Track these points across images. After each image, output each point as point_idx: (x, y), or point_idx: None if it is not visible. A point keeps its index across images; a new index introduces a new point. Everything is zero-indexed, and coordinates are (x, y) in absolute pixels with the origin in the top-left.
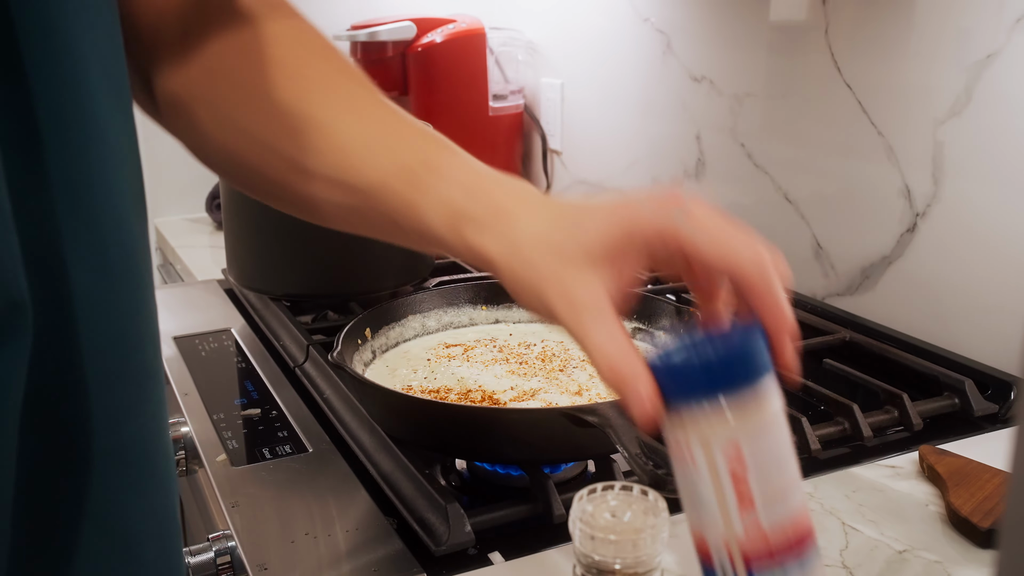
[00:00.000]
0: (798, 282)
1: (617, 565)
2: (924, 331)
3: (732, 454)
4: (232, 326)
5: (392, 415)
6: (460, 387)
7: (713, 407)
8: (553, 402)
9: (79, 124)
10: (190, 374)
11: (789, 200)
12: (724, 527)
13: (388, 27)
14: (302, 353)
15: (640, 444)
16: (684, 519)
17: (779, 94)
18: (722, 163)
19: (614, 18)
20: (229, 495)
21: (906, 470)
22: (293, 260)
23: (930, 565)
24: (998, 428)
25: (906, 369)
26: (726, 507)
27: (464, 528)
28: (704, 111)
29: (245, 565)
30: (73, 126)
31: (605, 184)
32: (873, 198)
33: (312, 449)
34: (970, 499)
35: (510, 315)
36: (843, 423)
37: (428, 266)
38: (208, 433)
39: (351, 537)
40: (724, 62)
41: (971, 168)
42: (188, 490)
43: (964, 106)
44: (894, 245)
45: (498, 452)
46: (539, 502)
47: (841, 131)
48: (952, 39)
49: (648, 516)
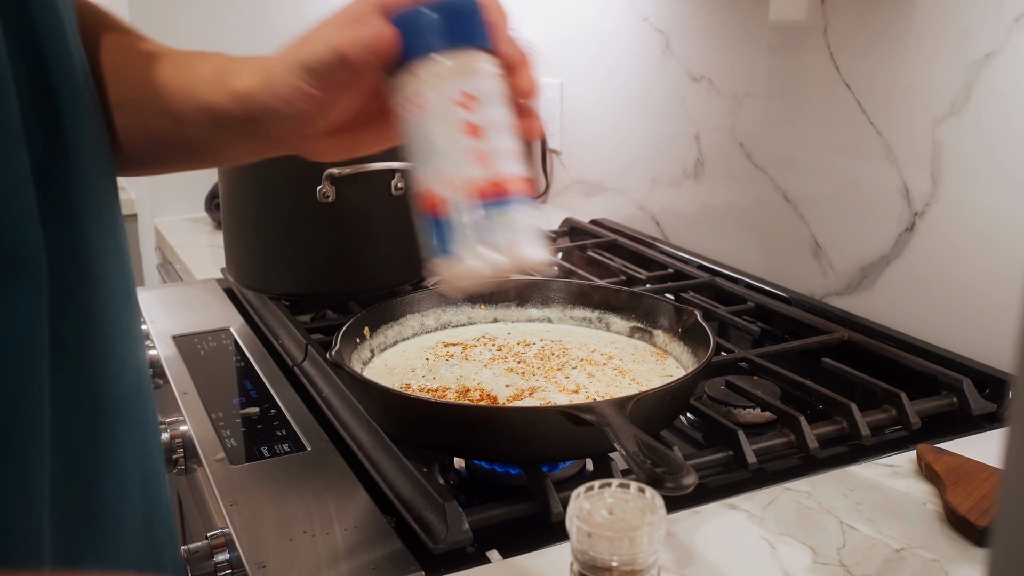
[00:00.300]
0: (797, 281)
1: (614, 562)
2: (922, 330)
3: (462, 100)
4: (231, 325)
5: (390, 414)
6: (458, 386)
7: (444, 56)
8: (551, 401)
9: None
10: (189, 373)
11: (788, 199)
12: (457, 167)
13: None
14: (301, 352)
15: (638, 442)
16: (682, 518)
17: (778, 94)
18: (721, 163)
19: (613, 18)
20: (228, 494)
21: (904, 469)
22: (292, 259)
23: (927, 563)
24: (996, 427)
25: (904, 368)
26: (457, 146)
27: (462, 526)
28: (703, 111)
29: (244, 563)
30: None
31: (604, 184)
32: (872, 197)
33: (311, 448)
34: (967, 498)
35: (509, 314)
36: (841, 422)
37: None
38: (207, 432)
39: (349, 536)
40: (723, 62)
41: (970, 168)
42: (187, 489)
43: (963, 106)
44: (893, 244)
45: (496, 451)
46: (537, 500)
47: (840, 131)
48: (951, 39)
49: (645, 514)
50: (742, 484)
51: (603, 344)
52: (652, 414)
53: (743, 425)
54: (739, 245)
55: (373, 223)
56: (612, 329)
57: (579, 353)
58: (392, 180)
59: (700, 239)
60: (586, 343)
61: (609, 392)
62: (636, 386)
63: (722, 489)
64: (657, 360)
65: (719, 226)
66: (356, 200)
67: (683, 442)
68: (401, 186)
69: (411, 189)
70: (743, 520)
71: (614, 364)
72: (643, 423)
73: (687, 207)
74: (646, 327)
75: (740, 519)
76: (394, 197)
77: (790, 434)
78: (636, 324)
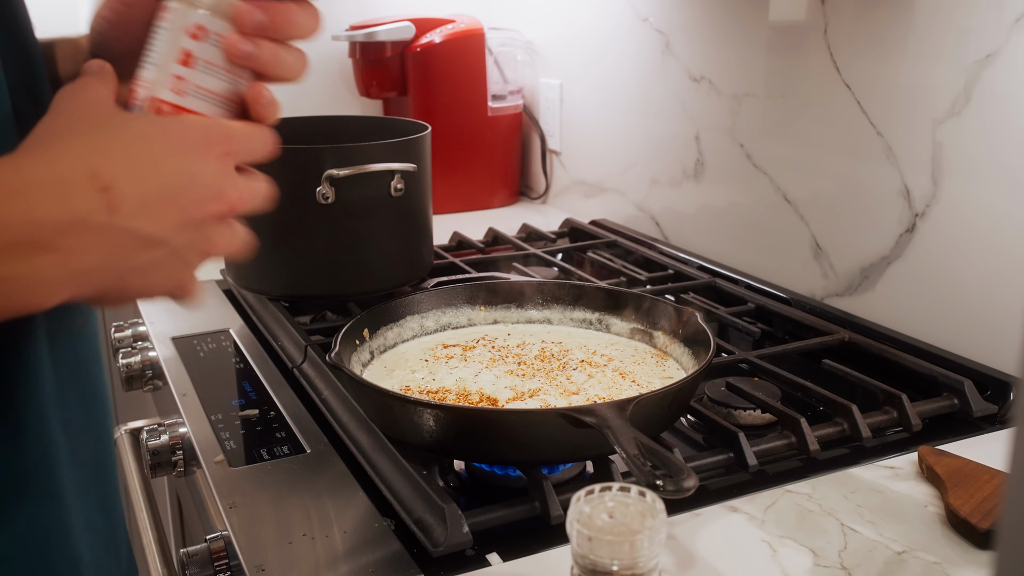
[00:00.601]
0: (797, 282)
1: (614, 566)
2: (923, 331)
3: (195, 32)
4: (230, 327)
5: (390, 416)
6: (458, 388)
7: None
8: (551, 403)
9: None
10: (188, 375)
11: (788, 200)
12: (153, 80)
13: (387, 27)
14: (300, 354)
15: (638, 445)
16: (682, 521)
17: (778, 94)
18: (721, 163)
19: (613, 18)
20: (227, 496)
21: (905, 471)
22: (291, 261)
23: (929, 566)
24: (997, 429)
25: (905, 370)
26: (166, 63)
27: (462, 529)
28: (703, 111)
29: (242, 566)
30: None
31: (604, 185)
32: (872, 198)
33: (310, 450)
34: (969, 500)
35: (508, 315)
36: (842, 424)
37: (426, 266)
38: (206, 434)
39: (349, 538)
40: (723, 62)
41: (970, 168)
42: (186, 491)
43: (963, 106)
44: (893, 245)
45: (496, 453)
46: (537, 503)
47: (840, 131)
48: (951, 39)
49: (646, 518)
50: (743, 486)
51: (603, 345)
52: (652, 416)
53: (743, 427)
54: (739, 246)
55: (372, 224)
56: (612, 331)
57: (579, 355)
58: (392, 181)
59: (700, 240)
60: (586, 344)
61: (609, 394)
62: (636, 388)
63: (723, 491)
64: (657, 361)
65: (719, 227)
66: (355, 201)
67: (683, 444)
68: (401, 187)
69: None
70: (744, 523)
71: (614, 366)
72: (643, 425)
73: (687, 208)
74: (646, 328)
75: (741, 521)
76: (394, 198)
77: (791, 436)
78: (636, 325)
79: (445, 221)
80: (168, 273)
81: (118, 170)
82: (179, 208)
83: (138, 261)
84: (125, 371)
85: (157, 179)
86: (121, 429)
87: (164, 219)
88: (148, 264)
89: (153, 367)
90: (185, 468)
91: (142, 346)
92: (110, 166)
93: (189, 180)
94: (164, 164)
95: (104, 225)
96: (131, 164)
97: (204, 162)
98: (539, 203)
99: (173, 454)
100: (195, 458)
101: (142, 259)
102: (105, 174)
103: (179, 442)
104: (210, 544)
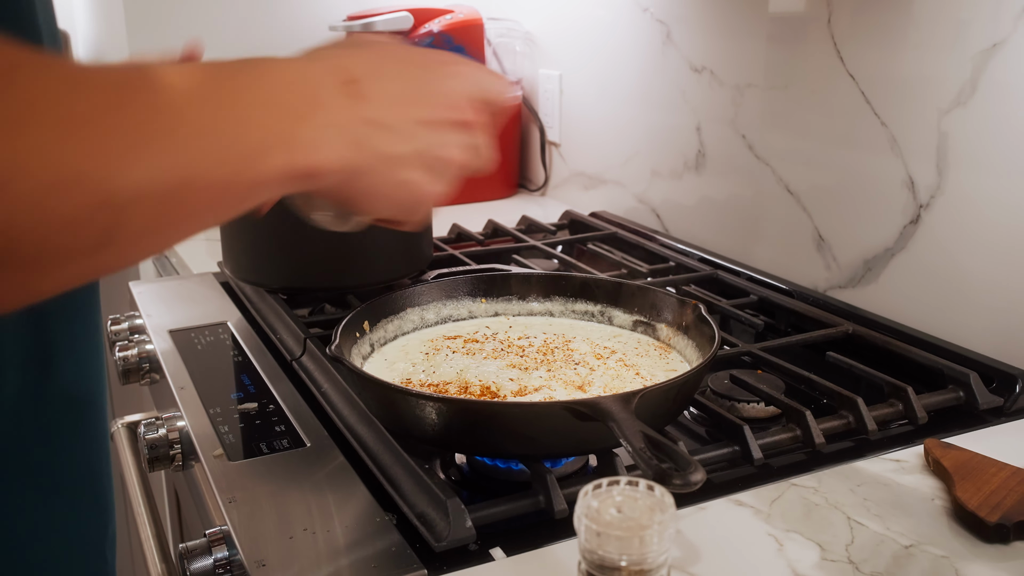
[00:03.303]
0: (800, 274)
1: (623, 562)
2: (928, 324)
3: None
4: (228, 319)
5: (391, 409)
6: (459, 380)
7: None
8: (554, 396)
9: None
10: (186, 368)
11: (791, 192)
12: None
13: (384, 17)
14: (299, 346)
15: (644, 438)
16: (688, 515)
17: (781, 85)
18: (723, 155)
19: (613, 8)
20: (226, 490)
21: (911, 464)
22: (289, 253)
23: (937, 560)
24: (1003, 421)
25: (910, 362)
26: None
27: (465, 523)
28: (704, 102)
29: (243, 561)
30: None
31: (604, 176)
32: (876, 189)
33: (310, 444)
34: (976, 493)
35: (510, 308)
36: (847, 417)
37: (426, 258)
38: (204, 428)
39: (350, 533)
40: (725, 52)
41: (976, 159)
42: (185, 486)
43: (969, 96)
44: (897, 237)
45: (499, 446)
46: (541, 497)
47: (844, 122)
48: (957, 28)
49: (655, 512)
50: (748, 480)
51: (606, 338)
52: (658, 409)
53: (747, 420)
54: (741, 238)
55: None
56: (615, 323)
57: (582, 347)
58: None
59: (701, 232)
60: (589, 337)
61: (613, 387)
62: (641, 380)
63: (728, 485)
64: (661, 354)
65: (721, 219)
66: None
67: (687, 437)
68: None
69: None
70: (749, 516)
71: (617, 358)
72: (648, 418)
73: (688, 199)
74: (649, 321)
75: (746, 515)
76: None
77: (796, 429)
78: (639, 318)
79: (444, 213)
80: (413, 173)
81: (364, 70)
82: (418, 108)
83: (382, 148)
84: (122, 364)
85: (400, 82)
86: (118, 423)
87: (404, 113)
88: (394, 158)
89: (150, 360)
90: (183, 462)
91: (139, 339)
92: (357, 66)
93: (428, 87)
94: (407, 72)
95: (345, 108)
96: (376, 67)
97: (445, 78)
98: (538, 195)
99: (171, 448)
100: (193, 452)
101: (385, 145)
102: (352, 69)
103: (177, 436)
104: (209, 539)
